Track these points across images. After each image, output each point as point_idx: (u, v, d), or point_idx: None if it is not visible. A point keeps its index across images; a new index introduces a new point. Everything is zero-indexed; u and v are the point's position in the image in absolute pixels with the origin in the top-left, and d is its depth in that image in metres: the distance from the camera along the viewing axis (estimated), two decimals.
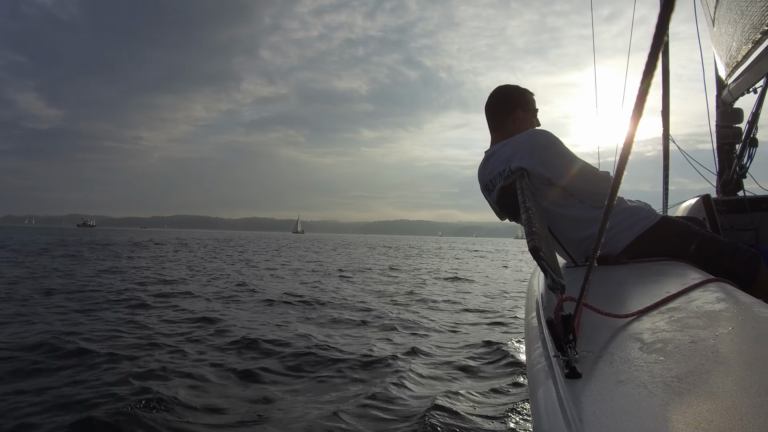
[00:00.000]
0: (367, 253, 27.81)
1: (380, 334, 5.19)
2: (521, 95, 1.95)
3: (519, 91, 1.97)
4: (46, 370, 3.57)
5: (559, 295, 0.95)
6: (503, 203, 1.85)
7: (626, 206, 1.71)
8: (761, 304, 0.92)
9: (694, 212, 2.82)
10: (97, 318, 5.65)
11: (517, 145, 1.74)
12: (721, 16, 2.83)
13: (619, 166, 0.63)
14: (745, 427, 0.55)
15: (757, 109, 3.30)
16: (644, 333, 0.87)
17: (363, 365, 3.89)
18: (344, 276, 12.39)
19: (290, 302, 7.31)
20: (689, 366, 0.70)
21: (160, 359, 3.90)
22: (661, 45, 0.51)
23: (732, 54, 2.74)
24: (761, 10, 2.15)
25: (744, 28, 2.41)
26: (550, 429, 0.69)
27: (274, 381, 3.54)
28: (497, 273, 15.45)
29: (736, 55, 2.68)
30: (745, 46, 2.48)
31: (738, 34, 2.52)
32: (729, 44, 2.74)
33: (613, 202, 0.65)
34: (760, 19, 2.19)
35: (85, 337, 4.54)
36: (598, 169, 1.73)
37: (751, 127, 3.44)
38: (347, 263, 17.64)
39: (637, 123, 0.57)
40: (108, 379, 3.38)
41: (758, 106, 3.27)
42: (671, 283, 1.15)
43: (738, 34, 2.52)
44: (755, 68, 2.62)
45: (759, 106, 3.27)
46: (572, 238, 1.72)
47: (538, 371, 0.88)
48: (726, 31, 2.74)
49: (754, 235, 3.15)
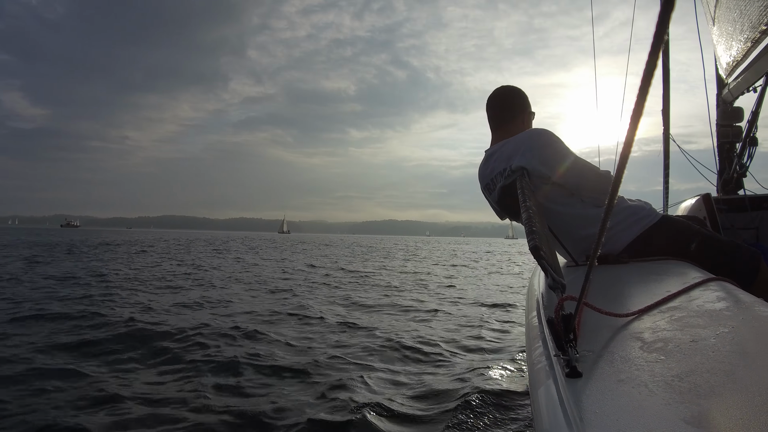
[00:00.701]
0: (335, 252, 27.04)
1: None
2: (524, 97, 1.97)
3: (522, 93, 1.98)
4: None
5: (559, 294, 0.95)
6: (504, 203, 1.85)
7: (627, 205, 1.71)
8: (762, 303, 0.92)
9: (694, 211, 2.83)
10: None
11: (518, 144, 1.75)
12: (720, 15, 2.83)
13: (620, 165, 0.63)
14: (746, 426, 0.55)
15: (757, 108, 3.31)
16: (645, 332, 0.87)
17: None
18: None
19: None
20: (690, 365, 0.70)
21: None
22: (662, 44, 0.51)
23: (732, 53, 2.75)
24: (759, 9, 2.16)
25: (743, 27, 2.41)
26: (551, 428, 0.69)
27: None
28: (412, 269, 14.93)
29: (736, 54, 2.68)
30: (744, 45, 2.48)
31: (738, 33, 2.53)
32: (729, 43, 2.75)
33: (614, 201, 0.65)
34: (758, 18, 2.19)
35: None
36: (598, 168, 1.73)
37: (751, 126, 3.44)
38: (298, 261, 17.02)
39: (638, 122, 0.57)
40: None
41: (758, 104, 3.27)
42: (672, 282, 1.15)
43: (738, 33, 2.53)
44: (755, 67, 2.63)
45: (759, 105, 3.28)
46: (573, 237, 1.73)
47: (539, 370, 0.89)
48: (726, 30, 2.75)
49: (754, 233, 3.15)
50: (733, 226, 3.15)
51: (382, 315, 6.36)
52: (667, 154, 3.71)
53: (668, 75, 3.53)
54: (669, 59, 3.52)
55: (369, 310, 6.79)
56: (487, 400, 3.16)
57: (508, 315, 6.50)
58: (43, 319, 5.38)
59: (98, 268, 12.13)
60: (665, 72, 3.51)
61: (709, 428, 0.55)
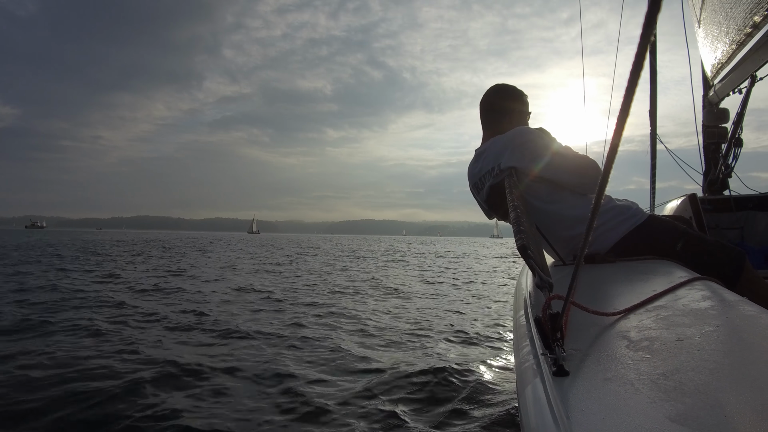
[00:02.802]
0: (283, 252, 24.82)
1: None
2: (519, 96, 1.96)
3: (517, 92, 1.97)
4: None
5: (547, 293, 0.96)
6: (492, 202, 1.85)
7: (614, 205, 1.72)
8: (746, 302, 0.93)
9: (680, 211, 2.86)
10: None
11: (506, 143, 1.74)
12: (706, 17, 2.87)
13: (607, 163, 0.64)
14: (730, 423, 0.56)
15: (742, 109, 3.36)
16: (631, 331, 0.88)
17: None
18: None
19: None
20: (675, 363, 0.71)
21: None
22: (648, 44, 0.51)
23: (717, 55, 2.78)
24: (745, 12, 2.19)
25: (729, 30, 2.44)
26: (538, 426, 0.69)
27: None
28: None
29: (721, 56, 2.72)
30: (729, 47, 2.51)
31: (723, 36, 2.56)
32: (715, 45, 2.78)
33: (600, 200, 0.65)
34: (744, 20, 2.22)
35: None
36: (587, 156, 1.74)
37: (737, 127, 3.49)
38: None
39: (624, 121, 0.57)
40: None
41: (743, 106, 3.32)
42: (658, 282, 1.16)
43: (723, 36, 2.56)
44: (740, 69, 2.66)
45: (744, 107, 3.32)
46: (560, 236, 1.73)
47: (526, 369, 0.89)
48: (712, 33, 2.78)
49: (739, 233, 3.20)
50: (719, 225, 3.19)
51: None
52: (654, 154, 3.75)
53: (655, 75, 3.57)
54: (656, 59, 3.56)
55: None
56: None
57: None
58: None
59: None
60: (652, 72, 3.55)
61: (694, 426, 0.56)
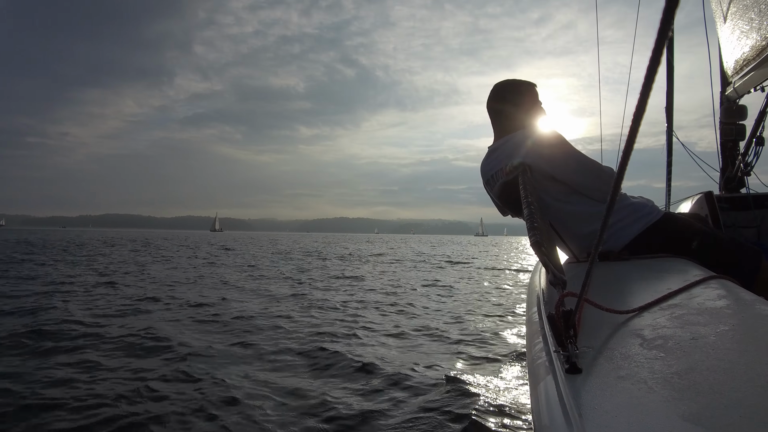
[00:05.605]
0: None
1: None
2: (527, 90, 1.91)
3: (525, 85, 1.91)
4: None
5: (560, 290, 0.95)
6: (505, 198, 1.85)
7: (629, 202, 1.71)
8: (763, 302, 0.91)
9: (696, 209, 2.82)
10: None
11: (520, 141, 1.74)
12: (735, 12, 2.81)
13: (622, 162, 0.63)
14: (745, 424, 0.55)
15: (765, 106, 3.28)
16: (645, 329, 0.87)
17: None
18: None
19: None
20: (689, 363, 0.71)
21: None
22: (665, 40, 0.51)
23: (745, 50, 2.72)
24: None
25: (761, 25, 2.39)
26: (550, 424, 0.69)
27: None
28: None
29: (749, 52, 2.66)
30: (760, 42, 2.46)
31: (753, 31, 2.51)
32: (742, 41, 2.72)
33: (616, 198, 0.65)
34: None
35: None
36: (601, 164, 1.73)
37: (758, 124, 3.42)
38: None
39: (641, 119, 0.57)
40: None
41: (767, 103, 3.25)
42: (673, 280, 1.15)
43: (753, 31, 2.51)
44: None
45: (767, 104, 3.25)
46: (574, 233, 1.72)
47: (539, 366, 0.89)
48: (740, 27, 2.72)
49: (756, 232, 3.14)
50: (735, 224, 3.14)
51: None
52: (670, 151, 3.69)
53: (672, 71, 3.51)
54: (673, 55, 3.50)
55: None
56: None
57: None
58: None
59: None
60: (669, 68, 3.49)
61: (708, 426, 0.55)
